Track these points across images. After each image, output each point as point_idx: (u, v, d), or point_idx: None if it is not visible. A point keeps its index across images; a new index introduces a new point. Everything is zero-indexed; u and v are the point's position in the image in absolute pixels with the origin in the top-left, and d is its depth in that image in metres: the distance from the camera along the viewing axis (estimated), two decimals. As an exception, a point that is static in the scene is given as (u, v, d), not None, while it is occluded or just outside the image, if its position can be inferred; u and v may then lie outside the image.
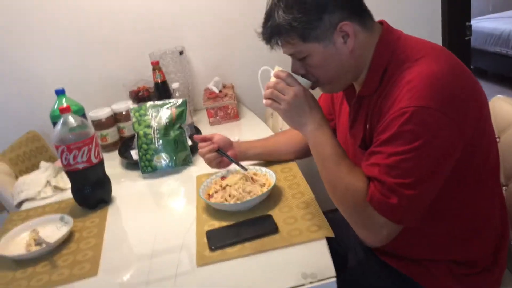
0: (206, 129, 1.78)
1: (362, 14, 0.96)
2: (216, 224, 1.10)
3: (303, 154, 1.35)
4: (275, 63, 2.16)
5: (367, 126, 1.00)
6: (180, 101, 1.51)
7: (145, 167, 1.44)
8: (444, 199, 0.92)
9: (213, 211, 1.16)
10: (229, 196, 1.14)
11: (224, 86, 1.96)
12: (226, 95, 1.83)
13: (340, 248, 1.19)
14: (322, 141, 0.96)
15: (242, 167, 1.24)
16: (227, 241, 1.01)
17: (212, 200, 1.16)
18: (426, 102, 0.83)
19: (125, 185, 1.43)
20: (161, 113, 1.48)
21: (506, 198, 1.10)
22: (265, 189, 1.16)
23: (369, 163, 0.90)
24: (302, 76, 1.01)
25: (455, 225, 0.98)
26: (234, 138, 1.36)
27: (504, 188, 1.15)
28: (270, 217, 1.08)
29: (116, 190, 1.35)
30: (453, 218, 0.97)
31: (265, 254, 0.97)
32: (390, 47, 0.96)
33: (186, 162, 1.47)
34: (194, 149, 1.53)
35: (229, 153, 1.28)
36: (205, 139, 1.29)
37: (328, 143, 0.96)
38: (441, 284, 1.02)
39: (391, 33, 0.98)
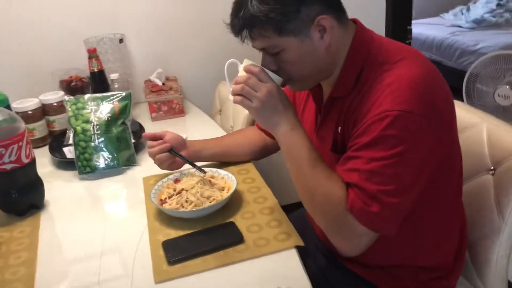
0: (148, 125, 1.63)
1: (339, 9, 0.91)
2: (172, 233, 0.99)
3: (260, 155, 1.28)
4: (225, 55, 2.05)
5: (339, 128, 0.95)
6: (123, 93, 1.36)
7: (83, 167, 1.28)
8: (416, 205, 0.90)
9: (167, 218, 1.04)
10: (186, 201, 1.04)
11: (167, 79, 1.83)
12: (170, 89, 1.70)
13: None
14: (297, 144, 0.89)
15: (200, 169, 1.14)
16: (188, 253, 0.91)
17: (166, 206, 1.05)
18: (409, 107, 0.80)
19: (60, 187, 1.26)
20: (102, 107, 1.32)
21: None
22: (225, 194, 1.07)
23: (347, 168, 0.85)
24: (273, 72, 0.93)
25: (423, 231, 0.97)
26: (181, 135, 1.25)
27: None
28: (233, 224, 0.99)
29: (49, 193, 1.18)
30: (422, 225, 0.96)
31: (232, 267, 0.88)
32: (365, 46, 0.92)
33: (130, 162, 1.33)
34: (137, 148, 1.40)
35: (182, 153, 1.17)
36: (155, 138, 1.17)
37: (303, 146, 0.89)
38: (405, 289, 1.01)
39: (365, 32, 0.94)
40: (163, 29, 1.87)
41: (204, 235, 0.97)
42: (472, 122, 1.16)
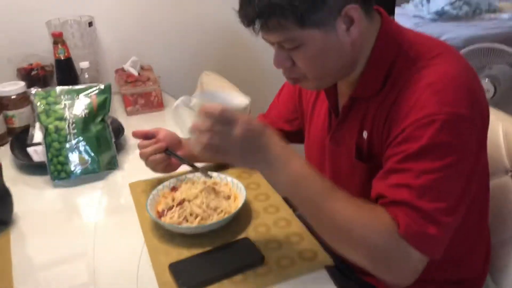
0: (122, 121, 1.44)
1: None
2: (174, 252, 0.85)
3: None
4: (206, 42, 1.88)
5: (364, 133, 0.84)
6: (101, 86, 1.19)
7: (57, 172, 1.10)
8: None
9: (167, 234, 0.90)
10: (190, 214, 0.90)
11: (142, 68, 1.65)
12: (148, 79, 1.53)
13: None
14: (303, 178, 0.73)
15: (205, 173, 0.99)
16: (202, 278, 0.78)
17: (167, 220, 0.90)
18: (457, 109, 0.70)
19: (29, 197, 1.08)
20: (77, 102, 1.14)
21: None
22: (233, 204, 0.94)
23: (393, 184, 0.73)
24: (286, 70, 0.81)
25: (454, 243, 0.89)
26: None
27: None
28: (248, 241, 0.86)
29: (18, 204, 0.99)
30: (455, 237, 0.88)
31: (255, 293, 0.76)
32: (394, 40, 0.81)
33: (112, 166, 1.16)
34: (117, 148, 1.23)
35: (178, 153, 1.02)
36: (147, 136, 1.02)
37: (311, 178, 0.73)
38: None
39: (392, 24, 0.83)
40: (136, 11, 1.68)
41: (217, 255, 0.83)
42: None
